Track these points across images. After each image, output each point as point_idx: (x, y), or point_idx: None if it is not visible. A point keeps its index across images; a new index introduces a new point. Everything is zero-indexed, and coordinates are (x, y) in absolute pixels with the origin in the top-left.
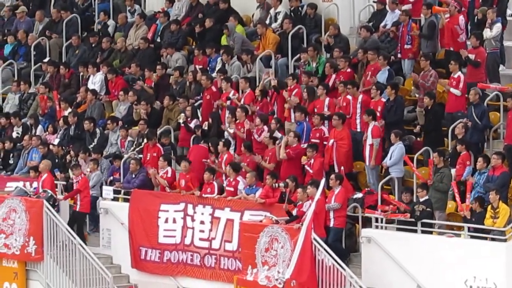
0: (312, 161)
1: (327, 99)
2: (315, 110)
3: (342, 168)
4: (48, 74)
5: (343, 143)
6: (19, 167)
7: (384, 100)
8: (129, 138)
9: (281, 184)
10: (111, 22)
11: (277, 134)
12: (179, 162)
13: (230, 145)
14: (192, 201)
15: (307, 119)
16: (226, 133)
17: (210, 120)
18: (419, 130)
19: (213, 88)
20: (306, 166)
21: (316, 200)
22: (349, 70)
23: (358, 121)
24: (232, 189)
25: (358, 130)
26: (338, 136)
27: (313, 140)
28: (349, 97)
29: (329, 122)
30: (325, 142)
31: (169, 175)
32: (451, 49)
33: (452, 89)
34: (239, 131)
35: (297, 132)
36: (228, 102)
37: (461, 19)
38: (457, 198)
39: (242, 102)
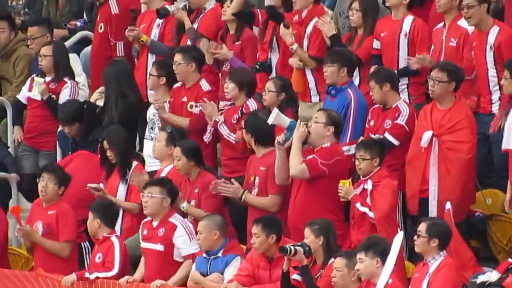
0: (368, 185)
1: (409, 20)
2: (377, 47)
3: (448, 205)
4: None
5: (461, 142)
6: None
7: None
8: None
9: (294, 247)
10: None
11: (282, 117)
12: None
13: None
14: None
15: (357, 79)
16: (150, 113)
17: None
18: None
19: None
20: (358, 205)
21: None
22: None
23: (493, 85)
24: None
25: (494, 111)
26: (445, 124)
27: (371, 135)
28: (464, 24)
29: (415, 83)
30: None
31: None
32: None
33: None
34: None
35: (333, 112)
36: (155, 33)
37: None
38: None
39: (195, 27)
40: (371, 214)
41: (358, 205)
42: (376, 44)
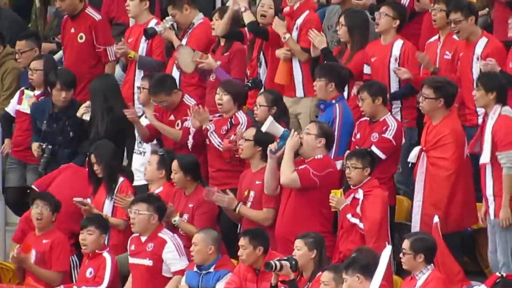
0: (359, 195)
1: (399, 44)
2: (368, 72)
3: (436, 219)
4: None
5: (443, 158)
6: None
7: None
8: None
9: (280, 262)
10: None
11: (275, 126)
12: None
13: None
14: None
15: (345, 96)
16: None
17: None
18: None
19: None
20: (349, 216)
21: None
22: None
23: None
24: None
25: (480, 122)
26: (432, 139)
27: (357, 147)
28: (456, 37)
29: (408, 106)
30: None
31: None
32: None
33: None
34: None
35: (325, 124)
36: (143, 47)
37: None
38: None
39: (185, 42)
40: (361, 225)
41: (349, 216)
42: (366, 69)
